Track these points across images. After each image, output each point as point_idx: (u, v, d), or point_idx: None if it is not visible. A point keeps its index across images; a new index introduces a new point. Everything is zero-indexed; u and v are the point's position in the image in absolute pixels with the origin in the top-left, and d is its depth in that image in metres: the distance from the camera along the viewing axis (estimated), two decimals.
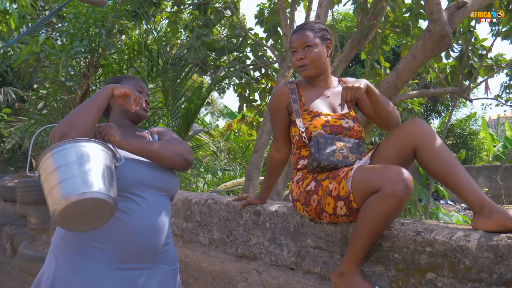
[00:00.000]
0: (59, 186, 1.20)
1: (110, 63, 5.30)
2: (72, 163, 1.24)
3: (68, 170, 1.22)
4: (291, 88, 2.00)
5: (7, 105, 8.04)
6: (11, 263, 4.56)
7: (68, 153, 1.26)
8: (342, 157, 1.79)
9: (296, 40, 1.98)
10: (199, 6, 5.30)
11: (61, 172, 1.22)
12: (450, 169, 1.61)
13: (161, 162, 1.62)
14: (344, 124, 1.92)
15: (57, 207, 1.19)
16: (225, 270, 2.25)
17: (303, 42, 1.96)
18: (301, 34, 1.98)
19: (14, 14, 4.40)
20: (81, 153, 1.27)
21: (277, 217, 2.09)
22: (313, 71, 1.97)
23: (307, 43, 1.95)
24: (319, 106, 1.97)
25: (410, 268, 1.58)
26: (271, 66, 5.60)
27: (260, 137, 4.34)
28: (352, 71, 14.02)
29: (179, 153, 1.66)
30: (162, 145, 1.65)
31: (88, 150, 1.30)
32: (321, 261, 1.88)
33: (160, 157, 1.61)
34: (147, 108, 1.80)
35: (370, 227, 1.57)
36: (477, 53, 4.35)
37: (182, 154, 1.67)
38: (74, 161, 1.24)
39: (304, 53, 1.95)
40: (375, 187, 1.56)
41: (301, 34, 1.98)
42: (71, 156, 1.25)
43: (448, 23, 2.46)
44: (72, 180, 1.20)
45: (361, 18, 4.07)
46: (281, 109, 2.00)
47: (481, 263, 1.40)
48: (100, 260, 1.47)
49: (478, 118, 16.96)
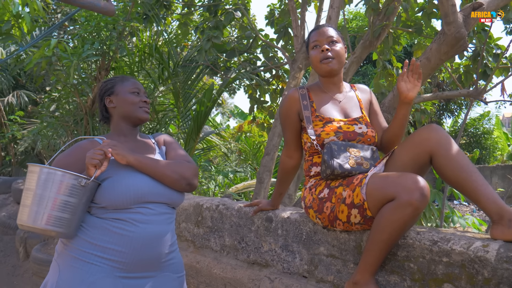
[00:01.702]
0: (20, 208, 1.44)
1: (121, 65, 5.32)
2: (30, 190, 1.41)
3: (26, 197, 1.42)
4: (302, 93, 1.96)
5: (20, 107, 8.11)
6: (24, 266, 4.60)
7: (31, 178, 1.42)
8: (356, 164, 1.75)
9: (321, 35, 1.94)
10: (209, 8, 5.29)
11: (24, 196, 1.44)
12: (468, 176, 1.57)
13: (164, 183, 1.61)
14: (357, 130, 1.88)
15: (18, 222, 1.45)
16: (237, 277, 2.23)
17: (328, 36, 1.93)
18: (325, 29, 1.95)
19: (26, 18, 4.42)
20: (40, 182, 1.41)
21: (289, 224, 2.06)
22: (336, 66, 1.92)
23: (332, 38, 1.92)
24: (331, 112, 1.93)
25: (426, 279, 1.54)
26: (281, 67, 5.57)
27: (271, 139, 4.31)
28: (364, 70, 13.92)
29: (184, 176, 1.63)
30: (168, 166, 1.62)
31: (47, 179, 1.41)
32: (335, 269, 1.85)
33: (164, 178, 1.60)
34: (148, 109, 1.77)
35: (385, 236, 1.54)
36: (491, 53, 4.27)
37: (186, 178, 1.64)
38: (33, 188, 1.41)
39: (330, 46, 1.91)
40: (390, 196, 1.52)
41: (326, 29, 1.95)
42: (32, 183, 1.42)
43: (464, 25, 2.41)
44: (23, 209, 1.42)
45: (373, 18, 4.02)
46: (292, 115, 1.96)
47: (500, 275, 1.36)
48: (103, 269, 1.47)
49: (492, 117, 16.71)
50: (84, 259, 1.47)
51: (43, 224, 1.39)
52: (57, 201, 1.40)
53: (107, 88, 1.76)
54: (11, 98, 8.08)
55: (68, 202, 1.42)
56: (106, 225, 1.50)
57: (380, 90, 4.67)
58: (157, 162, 1.60)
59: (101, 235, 1.49)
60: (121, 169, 1.55)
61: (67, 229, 1.44)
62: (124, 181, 1.52)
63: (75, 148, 1.63)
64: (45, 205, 1.39)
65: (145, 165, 1.57)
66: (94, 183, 1.48)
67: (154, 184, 1.58)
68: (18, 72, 8.33)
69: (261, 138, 8.79)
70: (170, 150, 1.80)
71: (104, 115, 1.78)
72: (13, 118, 7.22)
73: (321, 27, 1.97)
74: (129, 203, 1.51)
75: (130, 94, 1.74)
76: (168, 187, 1.62)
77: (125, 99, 1.72)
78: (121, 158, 1.52)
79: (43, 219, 1.39)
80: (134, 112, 1.72)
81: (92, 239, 1.49)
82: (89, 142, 1.67)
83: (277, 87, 5.74)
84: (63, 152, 1.63)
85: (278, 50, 5.29)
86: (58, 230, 1.42)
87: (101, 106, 1.78)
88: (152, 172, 1.58)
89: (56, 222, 1.40)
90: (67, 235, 1.47)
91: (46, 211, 1.39)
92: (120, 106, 1.73)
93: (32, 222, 1.40)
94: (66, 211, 1.42)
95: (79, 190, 1.44)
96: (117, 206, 1.50)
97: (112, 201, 1.49)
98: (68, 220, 1.43)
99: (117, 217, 1.50)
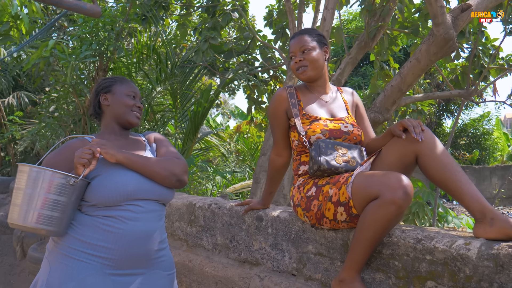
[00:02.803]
0: (10, 207, 1.47)
1: (119, 66, 5.35)
2: (20, 189, 1.44)
3: (16, 196, 1.45)
4: (290, 92, 1.99)
5: (20, 108, 8.15)
6: (21, 265, 4.63)
7: (21, 177, 1.45)
8: (342, 161, 1.78)
9: (294, 45, 1.98)
10: (207, 9, 5.31)
11: (14, 195, 1.46)
12: (451, 175, 1.59)
13: (154, 179, 1.62)
14: (343, 128, 1.90)
15: (8, 221, 1.49)
16: (228, 275, 2.25)
17: (301, 46, 1.96)
18: (298, 39, 1.98)
19: (25, 19, 4.44)
20: (30, 182, 1.43)
21: (278, 223, 2.08)
22: (312, 72, 1.96)
23: (305, 47, 1.95)
24: (317, 111, 1.96)
25: (410, 276, 1.56)
26: (279, 68, 5.59)
27: (268, 139, 4.33)
28: (363, 71, 13.93)
29: (174, 173, 1.65)
30: (157, 163, 1.64)
31: (37, 178, 1.43)
32: (322, 267, 1.87)
33: (154, 175, 1.61)
34: (139, 115, 1.79)
35: (369, 234, 1.56)
36: (487, 53, 4.29)
37: (176, 174, 1.65)
38: (22, 188, 1.44)
39: (303, 56, 1.95)
40: (374, 194, 1.54)
41: (299, 39, 1.98)
42: (22, 182, 1.44)
43: (452, 26, 2.43)
44: (14, 208, 1.45)
45: (368, 19, 4.04)
46: (280, 113, 1.99)
47: (481, 272, 1.38)
48: (93, 266, 1.49)
49: (492, 117, 16.69)
50: (74, 256, 1.49)
51: (33, 223, 1.42)
52: (46, 200, 1.43)
53: (105, 85, 1.79)
54: (11, 99, 8.12)
55: (57, 201, 1.44)
56: (95, 223, 1.52)
57: (377, 90, 4.69)
58: (147, 160, 1.62)
59: (91, 233, 1.51)
60: (110, 167, 1.57)
61: (57, 227, 1.46)
62: (113, 179, 1.54)
63: (64, 147, 1.65)
64: (35, 204, 1.42)
65: (135, 162, 1.58)
66: (83, 181, 1.50)
67: (143, 181, 1.59)
68: (18, 73, 8.37)
69: (259, 138, 8.82)
70: (160, 147, 1.82)
71: (96, 111, 1.80)
72: (12, 118, 7.25)
73: (296, 36, 2.00)
74: (118, 200, 1.53)
75: (126, 96, 1.76)
76: (158, 184, 1.63)
77: (120, 100, 1.75)
78: (110, 156, 1.54)
79: (33, 217, 1.42)
80: (126, 115, 1.74)
81: (82, 236, 1.51)
82: (78, 141, 1.69)
83: (275, 87, 5.77)
84: (53, 151, 1.65)
85: (275, 50, 5.32)
86: (48, 228, 1.44)
87: (95, 101, 1.79)
88: (142, 169, 1.59)
89: (46, 220, 1.43)
90: (57, 233, 1.49)
91: (36, 209, 1.42)
92: (113, 106, 1.75)
93: (22, 221, 1.42)
94: (56, 210, 1.44)
95: (68, 188, 1.46)
96: (107, 204, 1.52)
97: (101, 199, 1.51)
98: (58, 219, 1.45)
99: (107, 215, 1.52)
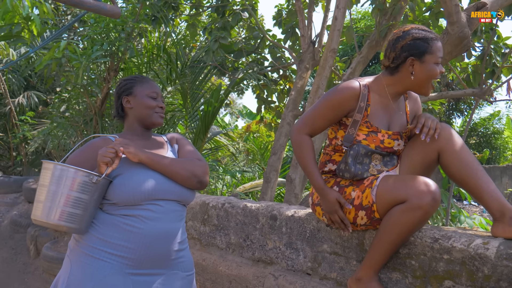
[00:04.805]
0: (34, 204, 1.50)
1: (130, 66, 5.37)
2: (44, 186, 1.46)
3: (40, 193, 1.47)
4: (364, 93, 1.78)
5: (30, 108, 8.21)
6: (35, 264, 4.67)
7: (46, 174, 1.47)
8: (376, 171, 1.75)
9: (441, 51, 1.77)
10: (217, 9, 5.32)
11: (38, 191, 1.49)
12: (472, 173, 1.59)
13: (175, 180, 1.62)
14: (395, 147, 1.79)
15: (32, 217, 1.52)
16: (242, 274, 2.25)
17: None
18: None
19: (36, 20, 4.47)
20: (53, 179, 1.46)
21: (293, 222, 2.08)
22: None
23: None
24: (380, 121, 1.80)
25: (428, 276, 1.56)
26: (289, 68, 5.59)
27: (278, 139, 4.33)
28: (372, 70, 13.87)
29: (195, 174, 1.65)
30: (179, 163, 1.65)
31: (61, 176, 1.46)
32: (338, 266, 1.87)
33: (175, 175, 1.62)
34: (162, 114, 1.79)
35: (392, 237, 1.55)
36: (500, 52, 4.25)
37: (198, 175, 1.65)
38: (46, 185, 1.46)
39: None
40: (401, 198, 1.53)
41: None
42: (46, 180, 1.47)
43: (467, 24, 2.41)
44: (37, 204, 1.47)
45: (379, 18, 4.02)
46: (342, 108, 1.79)
47: (500, 272, 1.37)
48: (113, 266, 1.50)
49: (503, 116, 16.55)
50: (94, 255, 1.51)
51: (56, 220, 1.44)
52: (69, 197, 1.45)
53: (126, 87, 1.78)
54: (22, 99, 8.18)
55: (80, 199, 1.46)
56: (116, 222, 1.53)
57: None
58: (169, 160, 1.63)
59: (111, 232, 1.52)
60: (132, 167, 1.58)
61: (79, 225, 1.48)
62: (135, 178, 1.55)
63: (87, 146, 1.67)
64: (58, 201, 1.44)
65: (157, 162, 1.59)
66: (105, 180, 1.52)
67: (164, 181, 1.60)
68: (29, 73, 8.44)
69: (268, 138, 8.81)
70: (182, 148, 1.82)
71: (120, 113, 1.81)
72: (24, 118, 7.31)
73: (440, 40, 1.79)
74: (139, 200, 1.53)
75: (148, 98, 1.76)
76: (179, 184, 1.64)
77: (143, 102, 1.75)
78: (132, 156, 1.55)
79: (56, 214, 1.44)
80: (150, 117, 1.75)
81: (103, 235, 1.52)
82: (101, 140, 1.70)
83: (284, 87, 5.77)
84: (76, 150, 1.67)
85: (285, 50, 5.32)
86: (70, 225, 1.46)
87: (117, 104, 1.80)
88: (163, 169, 1.60)
89: (68, 218, 1.45)
90: (79, 231, 1.51)
91: (59, 207, 1.44)
92: (136, 108, 1.75)
93: (46, 218, 1.45)
94: (78, 207, 1.46)
95: (91, 187, 1.47)
96: (128, 203, 1.53)
97: (122, 198, 1.52)
98: (80, 216, 1.47)
99: (127, 214, 1.53)
